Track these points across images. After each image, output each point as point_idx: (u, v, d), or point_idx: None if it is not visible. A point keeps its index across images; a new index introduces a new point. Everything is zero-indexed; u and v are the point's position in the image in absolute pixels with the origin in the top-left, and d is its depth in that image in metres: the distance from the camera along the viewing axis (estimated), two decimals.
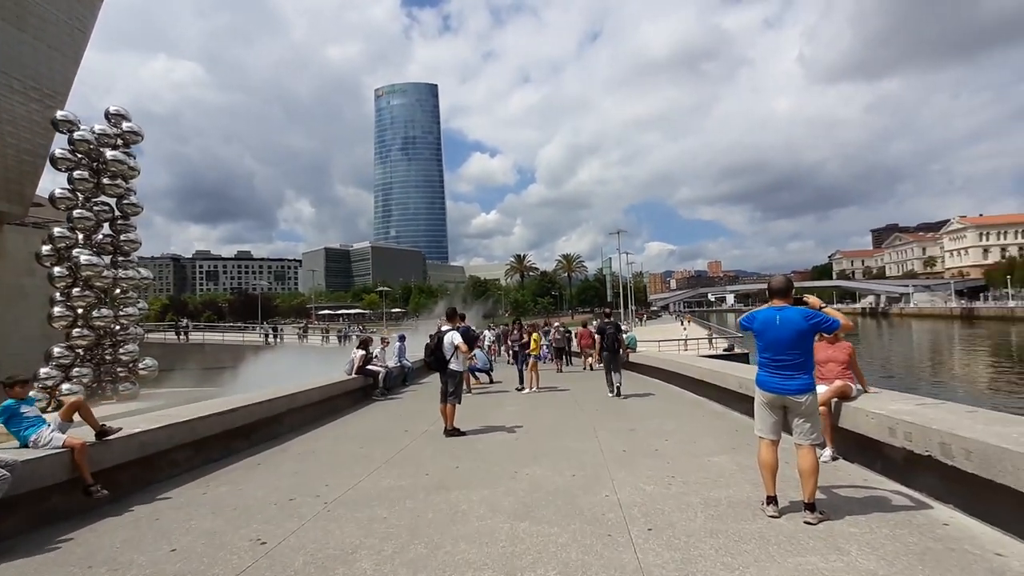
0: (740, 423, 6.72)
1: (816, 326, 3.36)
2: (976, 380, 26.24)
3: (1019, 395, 20.66)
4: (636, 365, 14.08)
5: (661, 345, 23.76)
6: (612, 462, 4.94)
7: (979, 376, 27.65)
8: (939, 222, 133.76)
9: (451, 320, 6.79)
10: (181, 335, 42.58)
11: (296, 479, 4.85)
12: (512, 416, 7.94)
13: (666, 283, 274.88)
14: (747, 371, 7.85)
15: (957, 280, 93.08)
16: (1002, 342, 43.19)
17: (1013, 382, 24.26)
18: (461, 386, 6.67)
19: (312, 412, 8.42)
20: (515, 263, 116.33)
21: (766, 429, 3.57)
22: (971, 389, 23.69)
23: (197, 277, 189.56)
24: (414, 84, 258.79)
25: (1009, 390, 22.20)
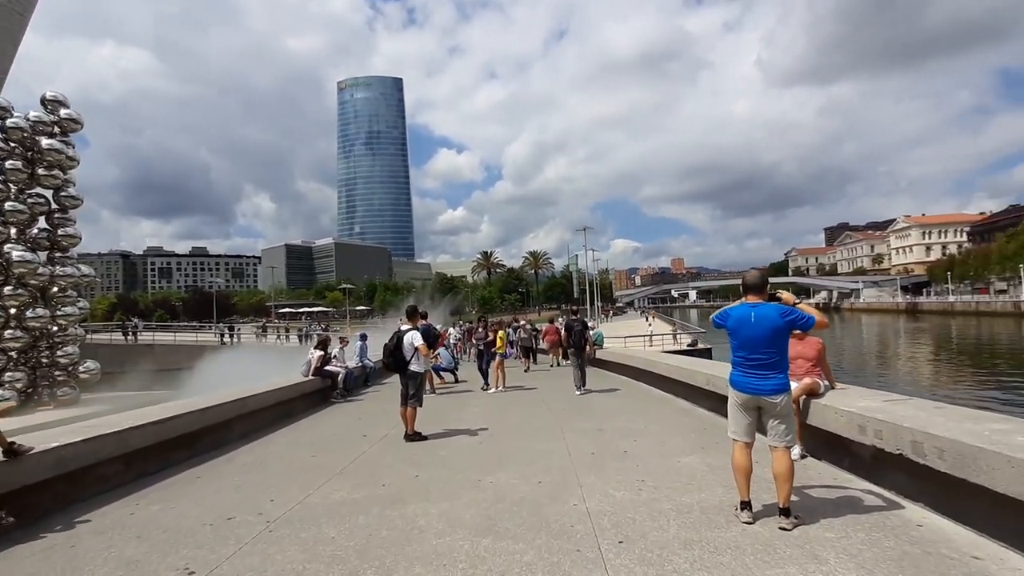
0: (708, 420, 6.65)
1: (792, 323, 3.22)
2: (921, 372, 27.60)
3: (961, 386, 21.79)
4: (603, 362, 14.02)
5: (627, 341, 23.90)
6: (580, 466, 4.73)
7: (923, 368, 29.11)
8: (886, 221, 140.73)
9: (411, 319, 6.44)
10: (129, 335, 40.39)
11: (238, 494, 4.43)
12: (477, 417, 7.66)
13: (631, 280, 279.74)
14: (714, 367, 7.83)
15: (903, 276, 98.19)
16: (943, 335, 45.74)
17: (955, 374, 25.62)
18: (422, 388, 6.33)
19: (265, 417, 7.91)
20: (482, 260, 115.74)
21: (740, 431, 3.41)
22: (916, 380, 24.98)
23: (149, 275, 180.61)
24: (378, 77, 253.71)
25: (951, 382, 23.41)
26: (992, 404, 16.97)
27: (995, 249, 72.83)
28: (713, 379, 6.99)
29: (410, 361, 6.11)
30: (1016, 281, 65.43)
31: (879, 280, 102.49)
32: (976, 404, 16.63)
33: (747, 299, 3.38)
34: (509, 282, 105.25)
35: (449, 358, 12.78)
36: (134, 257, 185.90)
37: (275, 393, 8.29)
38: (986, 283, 74.83)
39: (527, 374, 13.68)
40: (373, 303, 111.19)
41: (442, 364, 12.65)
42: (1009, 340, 38.90)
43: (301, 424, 7.91)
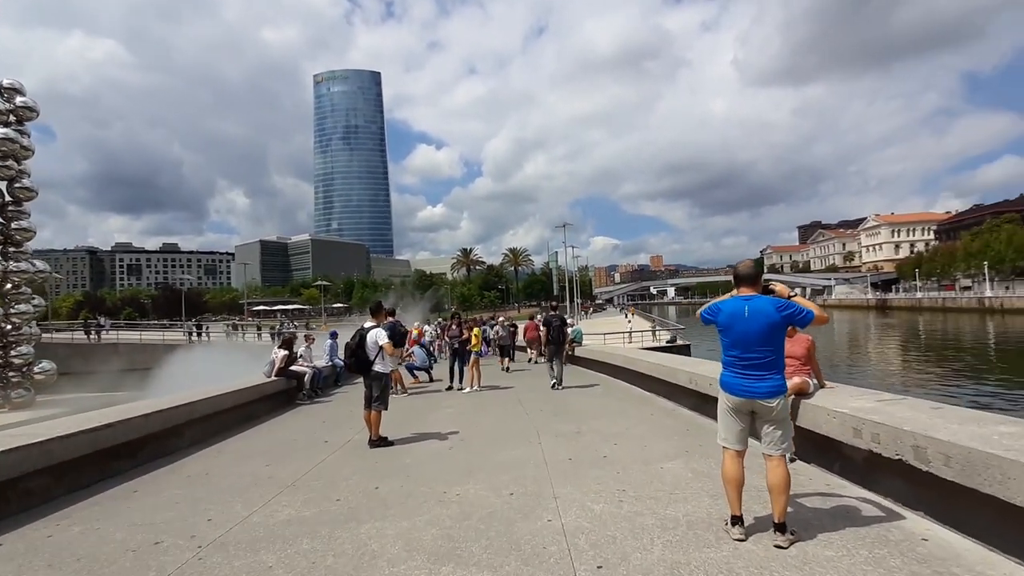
0: (691, 421, 6.37)
1: (789, 318, 2.89)
2: (891, 367, 28.14)
3: (932, 381, 22.19)
4: (583, 360, 13.74)
5: (607, 338, 23.75)
6: (556, 474, 4.36)
7: (893, 363, 29.72)
8: (857, 219, 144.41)
9: (376, 316, 5.98)
10: (92, 334, 38.76)
11: (174, 512, 3.95)
12: (449, 420, 7.25)
13: (610, 277, 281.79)
14: (696, 365, 7.56)
15: (873, 273, 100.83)
16: (911, 331, 46.95)
17: (925, 369, 26.16)
18: (388, 391, 5.89)
19: (221, 421, 7.37)
20: (461, 257, 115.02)
21: (731, 438, 3.07)
22: (886, 375, 25.47)
23: (117, 272, 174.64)
24: (356, 71, 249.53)
25: (921, 376, 23.87)
26: (962, 398, 17.26)
27: (960, 247, 75.20)
28: (696, 377, 6.72)
29: (374, 361, 5.66)
30: (980, 278, 67.67)
31: (850, 277, 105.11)
32: (947, 399, 16.91)
33: (739, 292, 3.05)
34: (489, 279, 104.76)
35: (424, 357, 12.32)
36: (101, 253, 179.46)
37: (231, 395, 7.74)
38: (952, 280, 77.19)
39: (504, 372, 13.31)
40: (351, 300, 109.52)
41: (416, 363, 12.20)
42: (974, 335, 40.11)
43: (260, 429, 7.39)
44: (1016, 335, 38.23)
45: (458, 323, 11.15)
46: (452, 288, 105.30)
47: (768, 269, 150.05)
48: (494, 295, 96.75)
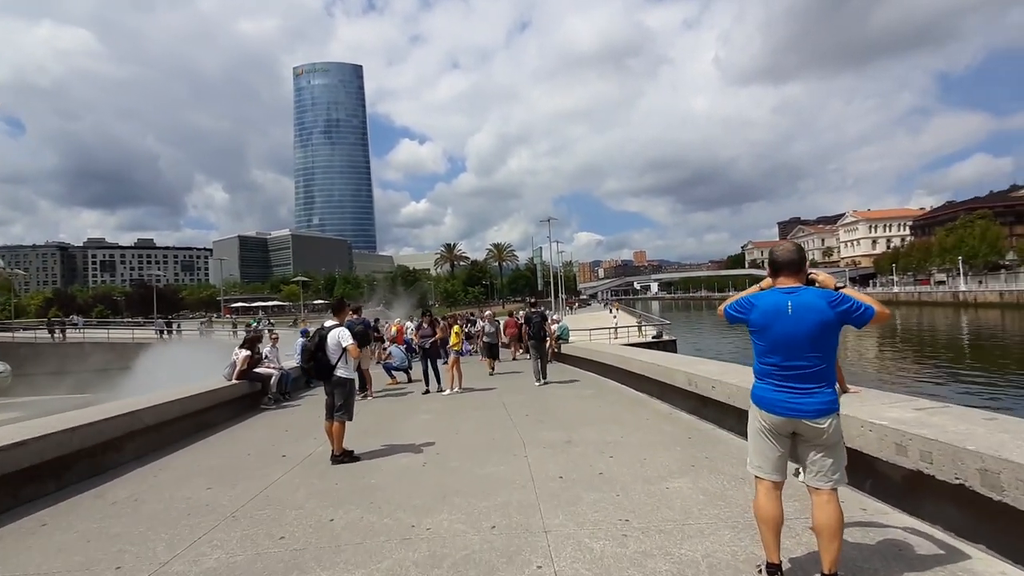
0: (691, 427, 5.78)
1: (845, 315, 2.26)
2: (867, 361, 28.27)
3: (911, 376, 22.17)
4: (570, 358, 13.15)
5: (592, 334, 23.23)
6: (546, 498, 3.72)
7: (869, 357, 29.92)
8: (835, 216, 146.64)
9: (338, 314, 5.25)
10: (57, 333, 37.07)
11: (80, 556, 3.21)
12: (424, 428, 6.56)
13: (594, 272, 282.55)
14: (693, 364, 6.99)
15: (851, 268, 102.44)
16: (888, 324, 47.48)
17: (902, 363, 26.25)
18: (352, 398, 5.17)
19: (171, 432, 6.59)
20: (445, 252, 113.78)
21: (768, 466, 2.44)
22: (864, 368, 25.55)
23: (90, 268, 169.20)
24: (337, 64, 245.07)
25: (899, 371, 23.91)
26: (948, 394, 17.13)
27: (935, 242, 76.58)
28: (695, 379, 6.14)
29: (336, 365, 4.94)
30: (954, 273, 69.01)
31: (829, 272, 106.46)
32: (930, 395, 16.72)
33: (779, 282, 2.43)
34: (473, 275, 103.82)
35: (402, 356, 11.59)
36: (73, 249, 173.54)
37: (182, 403, 6.93)
38: (927, 274, 78.67)
39: (483, 370, 12.60)
40: (331, 297, 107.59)
41: (394, 363, 11.47)
42: (951, 329, 40.69)
43: (215, 440, 6.62)
44: (990, 329, 38.88)
45: (430, 320, 10.26)
46: (436, 284, 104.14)
47: (749, 264, 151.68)
48: (478, 291, 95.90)
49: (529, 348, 10.64)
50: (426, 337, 9.76)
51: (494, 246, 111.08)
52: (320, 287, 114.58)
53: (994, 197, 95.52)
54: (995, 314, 47.29)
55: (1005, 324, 39.32)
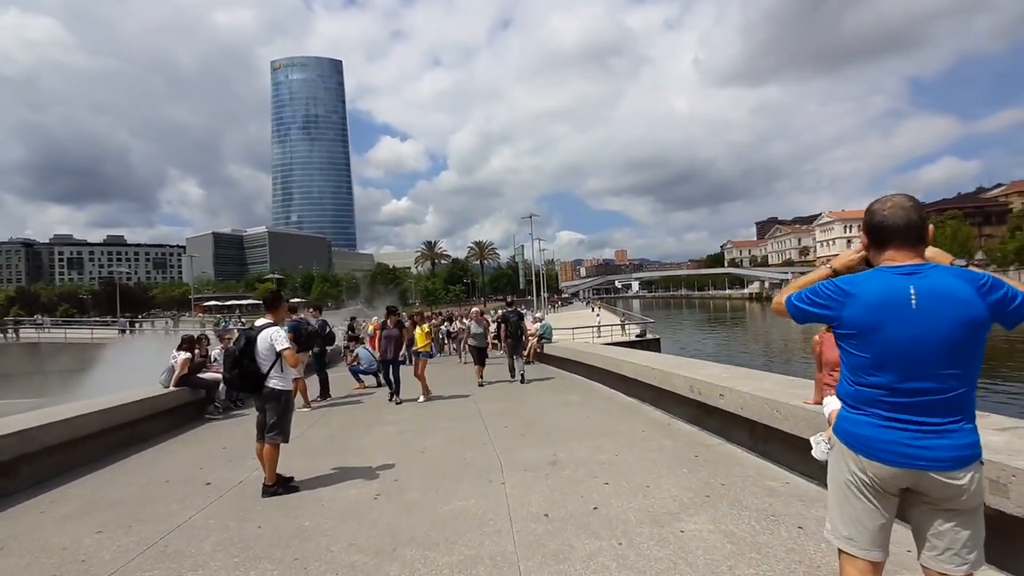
0: (696, 442, 4.98)
1: (1000, 308, 1.46)
2: None
3: None
4: (554, 358, 12.34)
5: (575, 332, 22.50)
6: (527, 549, 2.86)
7: None
8: (811, 216, 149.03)
9: (272, 310, 4.27)
10: (10, 333, 34.96)
11: None
12: (386, 444, 5.63)
13: (576, 271, 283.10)
14: (695, 369, 6.20)
15: None
16: None
17: None
18: (289, 414, 4.22)
19: (85, 450, 5.55)
20: (426, 250, 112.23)
21: (864, 539, 1.60)
22: None
23: (56, 265, 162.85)
24: (315, 58, 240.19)
25: None
26: None
27: None
28: (698, 385, 5.35)
29: (268, 373, 4.00)
30: None
31: (806, 271, 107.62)
32: None
33: (887, 258, 1.60)
34: (454, 273, 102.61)
35: (370, 358, 10.61)
36: (39, 246, 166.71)
37: (103, 415, 5.87)
38: None
39: (459, 375, 11.67)
40: (310, 295, 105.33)
41: (361, 366, 10.50)
42: None
43: (135, 460, 5.58)
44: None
45: (396, 321, 8.93)
46: (416, 282, 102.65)
47: (729, 263, 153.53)
48: (459, 289, 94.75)
49: (506, 346, 10.65)
50: (390, 339, 8.49)
51: (475, 244, 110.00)
52: (297, 285, 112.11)
53: (962, 198, 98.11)
54: None
55: None
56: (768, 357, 29.28)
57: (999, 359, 23.75)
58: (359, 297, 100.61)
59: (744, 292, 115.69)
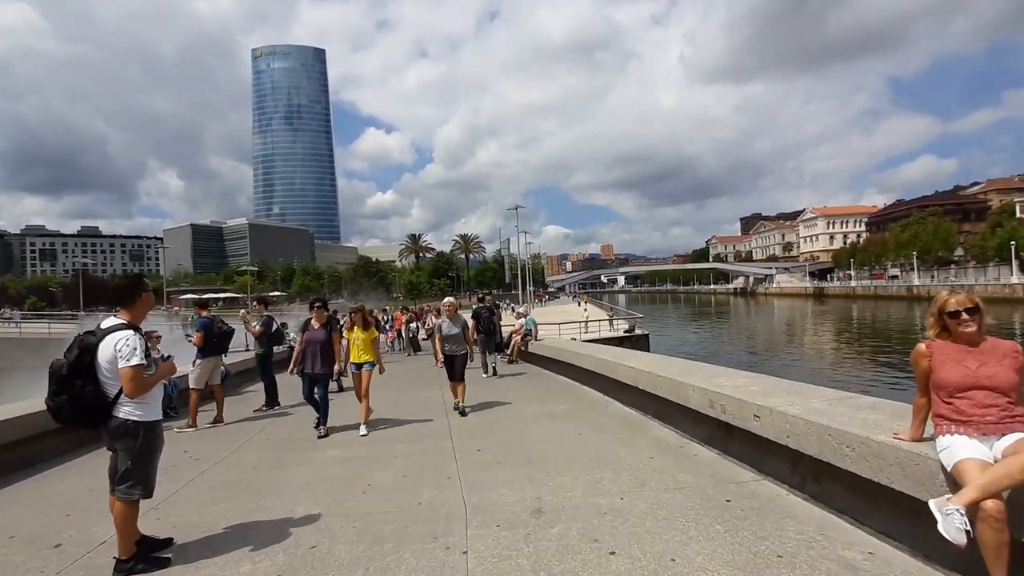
0: (722, 476, 3.85)
1: None
2: (824, 353, 28.00)
3: (862, 367, 21.37)
4: (539, 358, 11.20)
5: (562, 327, 21.42)
6: None
7: (826, 349, 29.83)
8: (794, 212, 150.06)
9: (127, 306, 2.94)
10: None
11: None
12: (320, 479, 4.36)
13: (562, 265, 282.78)
14: (711, 377, 5.07)
15: (810, 263, 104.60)
16: (844, 318, 48.32)
17: (859, 355, 25.85)
18: (150, 458, 2.92)
19: None
20: (410, 243, 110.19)
21: None
22: (821, 359, 25.33)
23: (28, 257, 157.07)
24: (298, 47, 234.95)
25: (853, 363, 23.42)
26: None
27: (891, 238, 78.52)
28: (721, 401, 4.23)
29: (117, 399, 2.76)
30: (908, 268, 70.87)
31: (789, 266, 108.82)
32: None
33: None
34: (439, 266, 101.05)
35: None
36: (9, 237, 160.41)
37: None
38: (882, 269, 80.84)
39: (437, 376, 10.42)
40: (290, 289, 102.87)
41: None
42: (907, 321, 41.25)
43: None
44: None
45: (325, 318, 6.50)
46: (400, 276, 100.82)
47: (714, 258, 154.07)
48: (444, 283, 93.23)
49: (477, 341, 10.02)
50: (313, 345, 6.21)
51: (461, 237, 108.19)
52: (277, 278, 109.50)
53: (942, 196, 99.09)
54: None
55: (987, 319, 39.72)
56: (763, 351, 28.70)
57: None
58: (344, 291, 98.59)
59: (729, 287, 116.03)
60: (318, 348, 6.22)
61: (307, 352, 6.26)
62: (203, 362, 6.78)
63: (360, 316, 6.48)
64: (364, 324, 6.47)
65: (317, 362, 6.20)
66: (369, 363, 6.38)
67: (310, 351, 6.24)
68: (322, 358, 6.22)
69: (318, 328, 6.35)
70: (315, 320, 6.42)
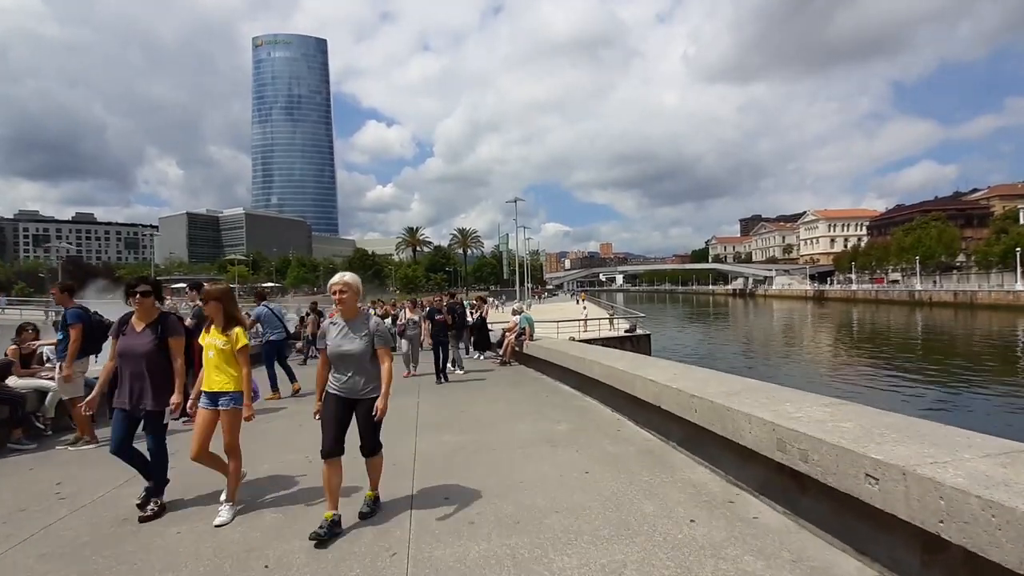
0: (802, 553, 2.55)
1: None
2: (821, 357, 27.14)
3: (864, 373, 20.26)
4: (536, 361, 9.92)
5: (560, 326, 20.16)
6: None
7: (821, 351, 29.12)
8: (794, 215, 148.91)
9: None
10: None
11: None
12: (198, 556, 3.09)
13: (561, 263, 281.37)
14: (772, 397, 3.75)
15: (811, 266, 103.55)
16: (845, 321, 47.43)
17: (859, 359, 24.96)
18: None
19: None
20: (407, 237, 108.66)
21: None
22: (816, 366, 24.29)
23: (21, 242, 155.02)
24: (300, 36, 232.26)
25: (852, 368, 22.51)
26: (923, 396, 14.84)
27: (893, 242, 77.48)
28: (795, 441, 2.92)
29: None
30: (909, 272, 69.85)
31: (790, 268, 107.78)
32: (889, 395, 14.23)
33: None
34: (436, 261, 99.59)
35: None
36: (2, 221, 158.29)
37: None
38: (883, 273, 79.91)
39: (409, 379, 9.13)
40: (285, 280, 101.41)
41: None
42: (911, 328, 40.52)
43: None
44: (949, 328, 38.58)
45: (144, 311, 3.77)
46: (396, 269, 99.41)
47: (713, 259, 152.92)
48: (441, 277, 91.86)
49: (449, 337, 10.01)
50: (132, 356, 3.64)
51: (459, 231, 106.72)
52: (272, 269, 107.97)
53: (943, 201, 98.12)
54: (949, 313, 47.43)
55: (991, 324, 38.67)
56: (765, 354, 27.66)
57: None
58: None
59: (728, 288, 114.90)
60: (143, 367, 3.59)
61: (122, 373, 3.63)
62: (79, 363, 5.43)
63: (217, 307, 3.61)
64: (225, 321, 3.62)
65: (139, 392, 3.59)
66: (229, 397, 3.52)
67: (128, 371, 3.61)
68: (151, 384, 3.59)
69: (141, 330, 3.69)
70: (137, 317, 3.72)
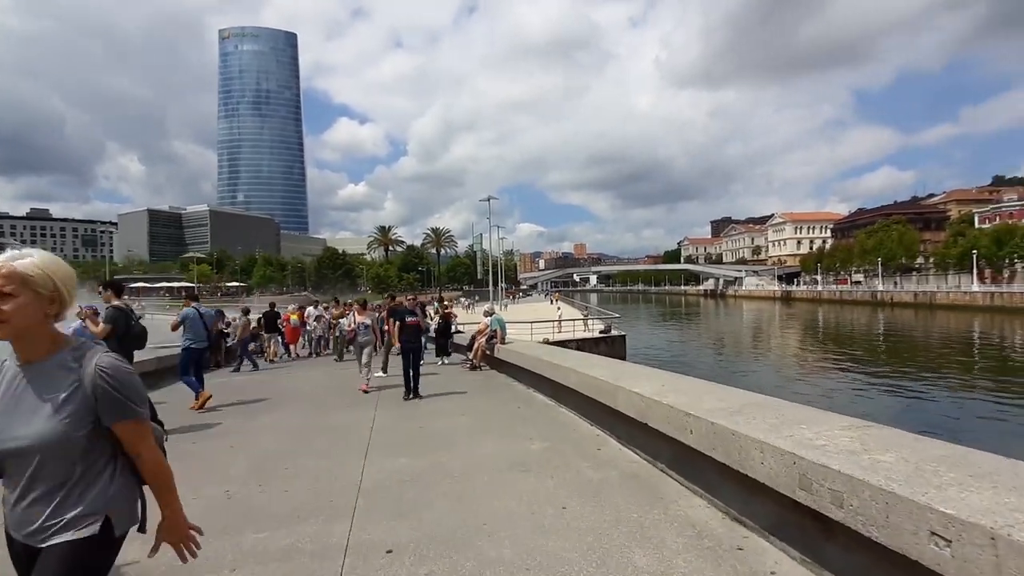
0: None
1: None
2: (788, 355, 27.70)
3: (830, 368, 20.49)
4: (509, 366, 9.29)
5: (534, 327, 19.60)
6: None
7: (790, 351, 29.63)
8: (763, 217, 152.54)
9: None
10: None
11: None
12: None
13: (535, 263, 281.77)
14: (793, 422, 3.19)
15: (779, 267, 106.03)
16: (810, 320, 48.88)
17: (826, 359, 25.27)
18: None
19: None
20: (379, 236, 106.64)
21: None
22: (785, 363, 24.88)
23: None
24: (268, 30, 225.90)
25: (818, 366, 22.94)
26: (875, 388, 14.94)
27: (856, 244, 79.89)
28: (821, 477, 2.34)
29: None
30: (872, 274, 72.15)
31: (759, 270, 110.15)
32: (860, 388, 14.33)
33: None
34: (409, 260, 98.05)
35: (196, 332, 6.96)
36: None
37: None
38: (847, 274, 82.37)
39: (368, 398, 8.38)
40: (251, 279, 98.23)
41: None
42: (868, 325, 41.55)
43: None
44: (908, 327, 39.88)
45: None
46: (368, 268, 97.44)
47: (685, 260, 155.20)
48: (414, 277, 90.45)
49: None
50: None
51: (432, 231, 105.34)
52: (237, 268, 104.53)
53: (901, 205, 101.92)
54: (910, 314, 48.98)
55: (949, 324, 39.87)
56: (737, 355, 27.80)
57: None
58: (308, 283, 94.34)
59: (699, 289, 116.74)
60: None
61: None
62: None
63: None
64: None
65: None
66: None
67: None
68: None
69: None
70: None
